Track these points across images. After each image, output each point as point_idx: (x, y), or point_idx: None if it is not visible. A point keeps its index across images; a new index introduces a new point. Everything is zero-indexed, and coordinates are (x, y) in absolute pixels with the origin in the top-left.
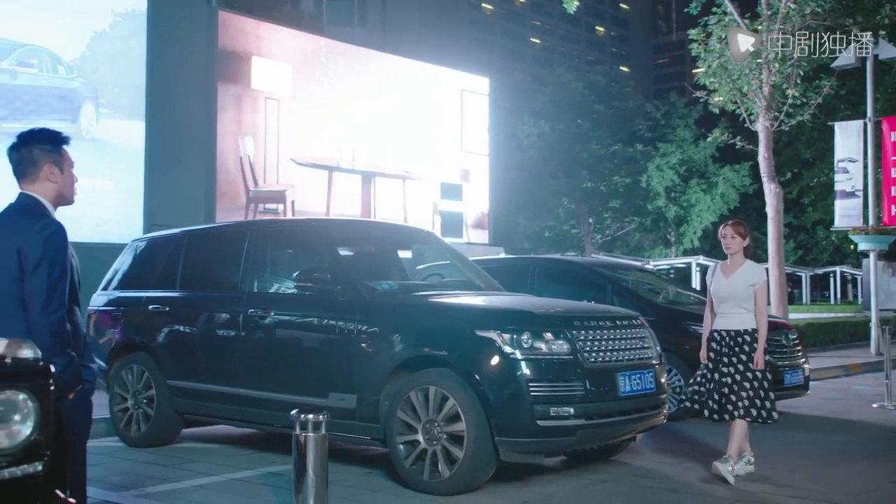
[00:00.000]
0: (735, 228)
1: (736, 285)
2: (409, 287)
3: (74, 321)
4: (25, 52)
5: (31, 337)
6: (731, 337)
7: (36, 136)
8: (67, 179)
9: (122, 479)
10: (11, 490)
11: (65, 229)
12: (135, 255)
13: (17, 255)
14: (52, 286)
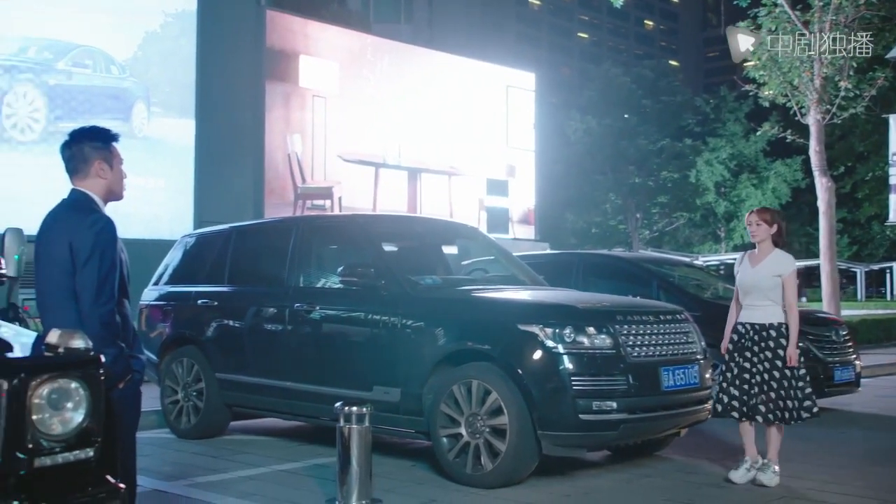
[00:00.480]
0: (760, 215)
1: (761, 275)
2: (453, 282)
3: (123, 313)
4: (80, 53)
5: (82, 328)
6: (755, 331)
7: (87, 133)
8: (117, 175)
9: (173, 469)
10: (65, 474)
11: (114, 224)
12: (184, 251)
13: (68, 249)
14: (102, 279)
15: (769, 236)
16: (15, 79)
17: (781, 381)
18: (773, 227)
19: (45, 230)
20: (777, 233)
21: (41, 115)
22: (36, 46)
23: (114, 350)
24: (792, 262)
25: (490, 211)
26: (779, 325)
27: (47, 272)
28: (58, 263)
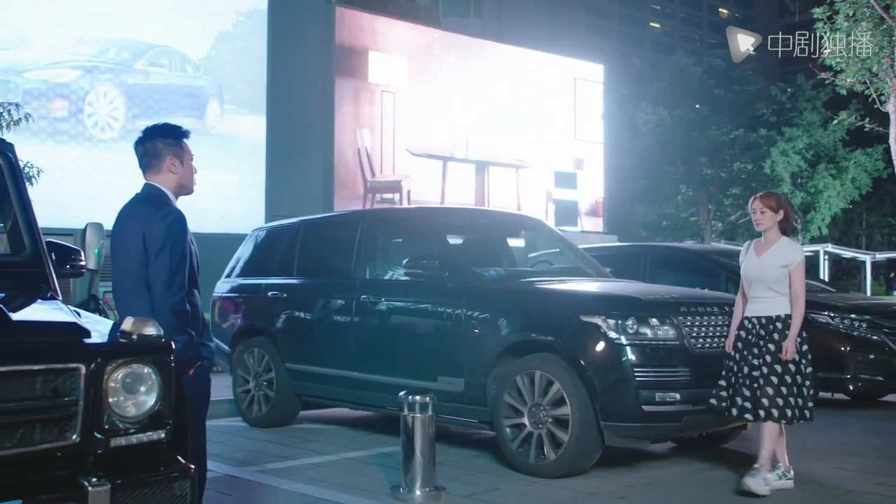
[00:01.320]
0: (764, 201)
1: (766, 266)
2: (517, 273)
3: (193, 302)
4: (157, 53)
5: (154, 316)
6: (761, 325)
7: (159, 130)
8: (188, 170)
9: (244, 455)
10: (139, 454)
11: (184, 217)
12: (255, 244)
13: (142, 240)
14: (173, 269)
15: (775, 223)
16: (96, 79)
17: (784, 376)
18: (778, 214)
19: (120, 223)
20: (784, 219)
21: (120, 114)
22: (115, 48)
23: (184, 337)
24: (799, 251)
25: (558, 203)
26: (786, 317)
27: (122, 263)
28: (132, 255)
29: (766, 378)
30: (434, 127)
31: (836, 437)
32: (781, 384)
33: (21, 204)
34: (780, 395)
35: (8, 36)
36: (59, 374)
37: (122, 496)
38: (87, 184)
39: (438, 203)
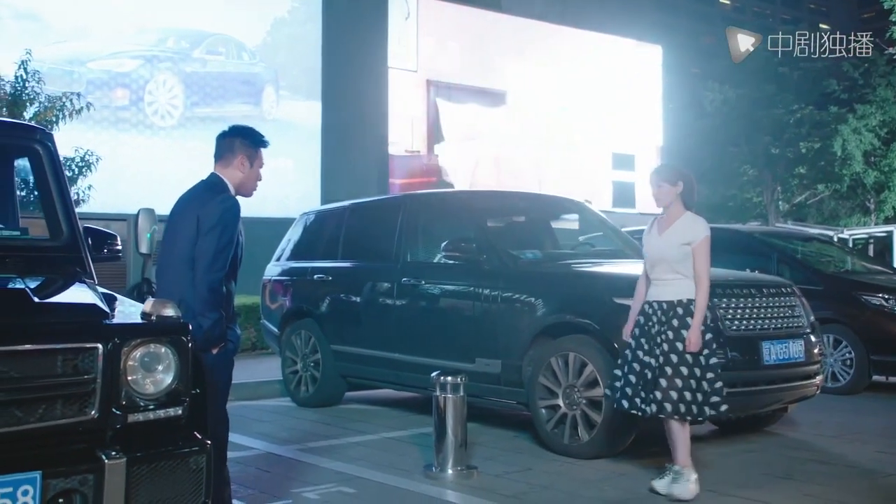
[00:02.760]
0: (659, 175)
1: (667, 244)
2: (554, 256)
3: (228, 289)
4: (214, 41)
5: (192, 290)
6: (662, 310)
7: (242, 131)
8: (253, 174)
9: (289, 434)
10: (157, 429)
11: (240, 207)
12: (303, 228)
13: (196, 221)
14: (219, 249)
15: (676, 197)
16: (156, 68)
17: (679, 367)
18: (677, 186)
19: (179, 204)
20: (685, 192)
21: (179, 102)
22: (174, 37)
23: (215, 315)
24: (704, 227)
25: (616, 185)
26: (688, 301)
27: (172, 241)
28: (184, 233)
29: (660, 369)
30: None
31: (886, 420)
32: (676, 376)
33: (59, 191)
34: (674, 389)
35: (72, 28)
36: (79, 352)
37: (138, 469)
38: (147, 170)
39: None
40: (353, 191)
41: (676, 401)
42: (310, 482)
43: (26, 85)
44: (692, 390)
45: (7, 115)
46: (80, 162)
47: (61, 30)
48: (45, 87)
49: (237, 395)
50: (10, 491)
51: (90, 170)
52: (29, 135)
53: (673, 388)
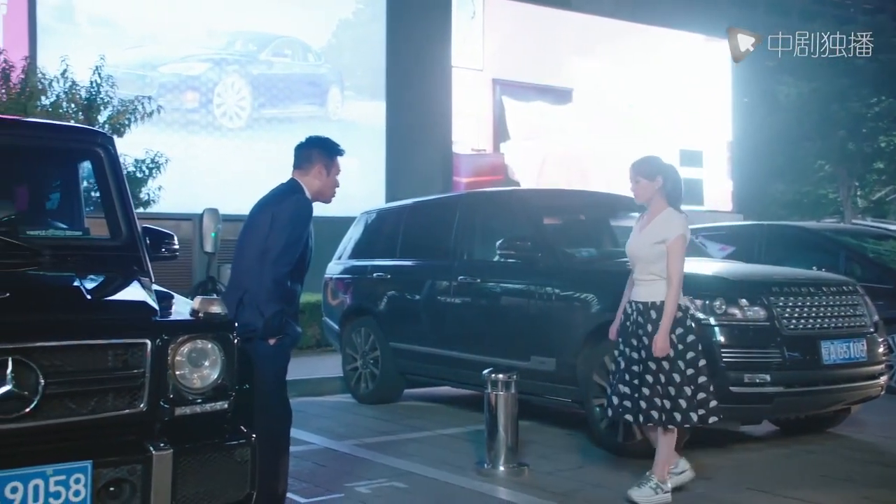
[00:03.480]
0: (636, 169)
1: (643, 242)
2: (610, 254)
3: (293, 287)
4: (280, 44)
5: (258, 282)
6: (639, 311)
7: (318, 142)
8: (330, 182)
9: (347, 430)
10: (203, 422)
11: (312, 208)
12: (362, 227)
13: (270, 218)
14: (288, 244)
15: (656, 193)
16: (224, 71)
17: (658, 374)
18: (655, 182)
19: (258, 205)
20: (667, 188)
21: (247, 104)
22: (241, 40)
23: (276, 307)
24: (680, 223)
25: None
26: (661, 304)
27: (247, 237)
28: (258, 230)
29: (639, 376)
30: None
31: None
32: (656, 383)
33: (119, 192)
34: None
35: (144, 34)
36: (129, 348)
37: (184, 460)
38: (216, 171)
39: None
40: (418, 190)
41: (660, 408)
42: (363, 477)
43: (100, 90)
44: (671, 397)
45: (83, 119)
46: (150, 163)
47: (134, 35)
48: (119, 92)
49: (299, 390)
50: (63, 479)
51: (159, 171)
52: (91, 138)
53: (654, 395)
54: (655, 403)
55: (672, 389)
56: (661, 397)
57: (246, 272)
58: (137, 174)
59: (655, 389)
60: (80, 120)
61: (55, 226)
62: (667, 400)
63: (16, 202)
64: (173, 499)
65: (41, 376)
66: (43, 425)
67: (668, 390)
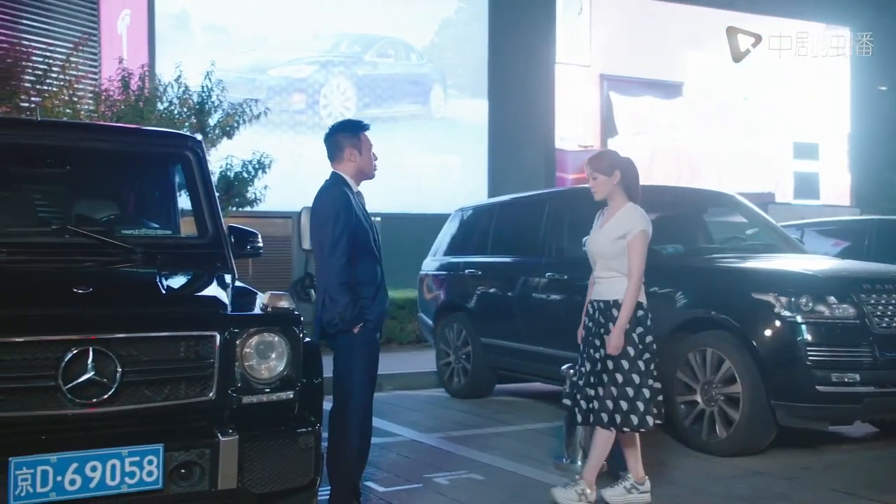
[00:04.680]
0: (593, 165)
1: (603, 238)
2: (699, 251)
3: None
4: (384, 44)
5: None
6: (599, 311)
7: (340, 126)
8: (366, 159)
9: (435, 423)
10: (271, 410)
11: (348, 196)
12: (457, 224)
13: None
14: (335, 238)
15: (614, 188)
16: (330, 72)
17: (614, 374)
18: (613, 177)
19: (313, 204)
20: (626, 183)
21: (352, 104)
22: (346, 41)
23: (346, 298)
24: (641, 219)
25: (797, 176)
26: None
27: (312, 237)
28: (315, 230)
29: (596, 376)
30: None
31: None
32: (611, 384)
33: (206, 193)
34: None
35: (254, 38)
36: (199, 340)
37: (249, 446)
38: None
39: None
40: (520, 186)
41: (612, 410)
42: (443, 468)
43: (211, 94)
44: (629, 399)
45: (194, 123)
46: (257, 164)
47: (245, 41)
48: (229, 95)
49: (396, 384)
50: (137, 460)
51: (264, 171)
52: (181, 143)
53: (608, 397)
54: (607, 406)
55: (630, 391)
56: (617, 399)
57: (322, 271)
58: (244, 174)
59: (609, 391)
60: (192, 124)
61: (148, 225)
62: (623, 401)
63: (113, 204)
64: (239, 481)
65: (119, 365)
66: (120, 410)
67: (626, 391)
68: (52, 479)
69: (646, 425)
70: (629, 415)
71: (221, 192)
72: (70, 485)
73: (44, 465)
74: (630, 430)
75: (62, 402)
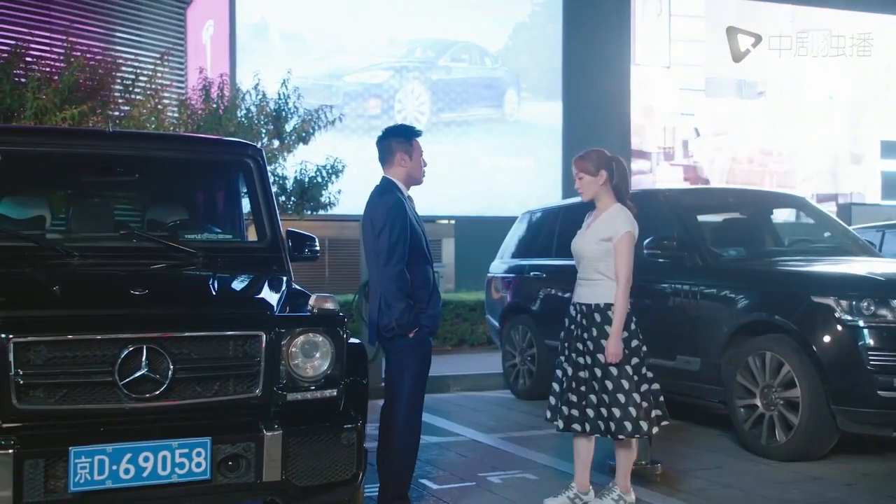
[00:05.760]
0: (578, 165)
1: (588, 239)
2: (761, 253)
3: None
4: (458, 49)
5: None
6: (583, 314)
7: (393, 130)
8: (416, 164)
9: (497, 424)
10: (315, 407)
11: (402, 203)
12: (524, 226)
13: (371, 224)
14: (392, 245)
15: (601, 188)
16: (404, 77)
17: (604, 381)
18: (599, 177)
19: (365, 210)
20: (612, 182)
21: (426, 108)
22: (421, 47)
23: (401, 304)
24: (627, 220)
25: (885, 176)
26: (605, 306)
27: (365, 244)
28: (368, 236)
29: (585, 383)
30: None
31: None
32: (602, 391)
33: (265, 199)
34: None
35: (330, 46)
36: (246, 339)
37: (293, 440)
38: None
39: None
40: None
41: (606, 418)
42: (499, 468)
43: (288, 101)
44: (620, 405)
45: (272, 130)
46: (330, 169)
47: (322, 48)
48: (306, 101)
49: (462, 385)
50: (186, 452)
51: (337, 176)
52: (242, 150)
53: (601, 404)
54: (602, 413)
55: (621, 397)
56: (609, 406)
57: (375, 278)
58: (318, 179)
59: (602, 398)
60: (269, 130)
61: (210, 230)
62: (616, 409)
63: (178, 209)
64: (283, 474)
65: (171, 363)
66: (171, 405)
67: (617, 398)
68: (108, 468)
69: (640, 431)
70: (623, 421)
71: (296, 197)
72: (124, 474)
73: (100, 455)
74: (625, 436)
75: (118, 396)
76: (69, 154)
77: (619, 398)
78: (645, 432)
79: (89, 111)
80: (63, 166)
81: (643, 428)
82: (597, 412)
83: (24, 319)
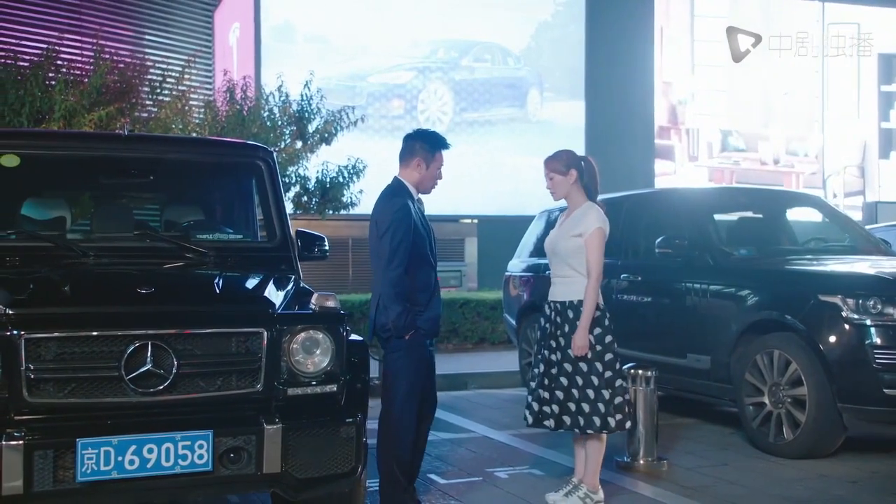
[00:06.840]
0: (549, 166)
1: (560, 236)
2: (772, 252)
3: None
4: (480, 49)
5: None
6: (556, 311)
7: (422, 134)
8: (430, 175)
9: (510, 420)
10: (316, 402)
11: (408, 208)
12: (542, 225)
13: (376, 225)
14: (393, 249)
15: (571, 187)
16: (427, 78)
17: (574, 376)
18: (569, 176)
19: (373, 210)
20: (582, 181)
21: (449, 108)
22: (444, 47)
23: (398, 307)
24: (597, 217)
25: None
26: (579, 303)
27: (370, 243)
28: (373, 236)
29: (555, 379)
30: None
31: None
32: (572, 386)
33: (275, 200)
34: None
35: (354, 47)
36: (249, 336)
37: (293, 434)
38: None
39: None
40: (617, 187)
41: (574, 413)
42: (507, 463)
43: (311, 102)
44: (590, 401)
45: (294, 131)
46: (352, 169)
47: (345, 49)
48: (330, 102)
49: (480, 383)
50: (189, 444)
51: (359, 176)
52: (253, 152)
53: (569, 399)
54: (570, 409)
55: (590, 392)
56: (578, 402)
57: (376, 278)
58: (339, 179)
59: (571, 393)
60: (292, 131)
61: (222, 230)
62: (585, 404)
63: (191, 210)
64: (283, 466)
65: (175, 358)
66: (175, 399)
67: (587, 393)
68: (114, 458)
69: (608, 427)
70: (591, 416)
71: (318, 197)
72: (129, 465)
73: (106, 447)
74: (594, 431)
75: (124, 390)
76: (86, 157)
77: (588, 393)
78: (613, 428)
79: (117, 112)
80: (81, 169)
81: (611, 424)
82: (564, 407)
83: (36, 317)
